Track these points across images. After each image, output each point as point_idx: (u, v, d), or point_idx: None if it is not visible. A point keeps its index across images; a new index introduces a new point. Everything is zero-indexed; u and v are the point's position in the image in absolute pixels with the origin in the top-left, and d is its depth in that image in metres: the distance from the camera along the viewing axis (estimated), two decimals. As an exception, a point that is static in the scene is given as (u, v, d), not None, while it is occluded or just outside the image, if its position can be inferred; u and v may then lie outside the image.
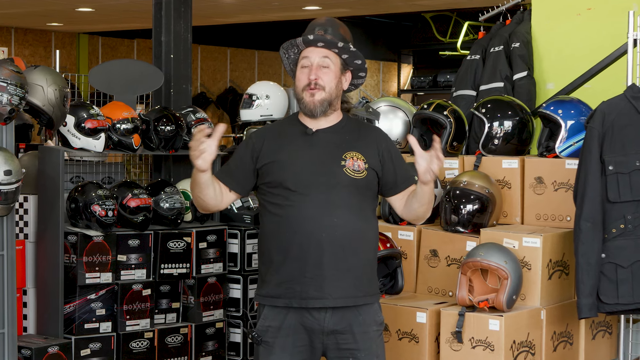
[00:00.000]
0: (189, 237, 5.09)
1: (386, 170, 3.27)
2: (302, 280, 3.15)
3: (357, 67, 3.32)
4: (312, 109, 3.22)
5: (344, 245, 3.16)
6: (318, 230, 3.14)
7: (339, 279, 3.16)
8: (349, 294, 3.19)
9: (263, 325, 3.24)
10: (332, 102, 3.25)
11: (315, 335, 3.20)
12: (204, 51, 13.37)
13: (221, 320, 5.25)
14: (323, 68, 3.23)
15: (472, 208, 4.19)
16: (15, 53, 11.78)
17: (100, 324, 4.77)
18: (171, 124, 5.12)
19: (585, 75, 4.66)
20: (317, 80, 3.21)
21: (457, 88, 5.20)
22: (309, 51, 3.25)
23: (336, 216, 3.15)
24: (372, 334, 3.24)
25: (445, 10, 11.74)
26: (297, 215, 3.15)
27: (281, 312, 3.21)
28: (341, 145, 3.24)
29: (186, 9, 5.78)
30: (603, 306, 3.87)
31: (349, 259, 3.18)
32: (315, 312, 3.18)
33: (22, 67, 4.34)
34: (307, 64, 3.24)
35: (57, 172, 4.72)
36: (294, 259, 3.16)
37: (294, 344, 3.21)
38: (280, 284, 3.19)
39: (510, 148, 4.47)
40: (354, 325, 3.21)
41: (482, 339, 3.77)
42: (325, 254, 3.14)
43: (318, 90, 3.21)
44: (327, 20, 3.32)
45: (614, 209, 3.86)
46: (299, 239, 3.15)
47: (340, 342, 3.21)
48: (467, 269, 3.87)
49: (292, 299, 3.17)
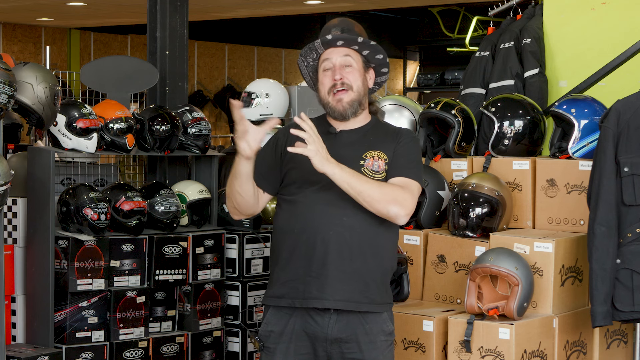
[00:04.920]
0: (185, 241, 5.09)
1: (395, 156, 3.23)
2: (306, 279, 3.15)
3: (379, 62, 3.30)
4: (342, 112, 3.22)
5: (352, 247, 3.14)
6: (326, 228, 3.13)
7: (342, 280, 3.14)
8: (352, 299, 3.15)
9: (265, 330, 3.23)
10: (361, 102, 3.25)
11: (318, 343, 3.18)
12: (200, 47, 13.39)
13: (219, 329, 5.26)
14: (346, 67, 3.22)
15: (481, 211, 4.17)
16: (4, 49, 11.89)
17: (92, 333, 4.76)
18: (166, 124, 5.10)
19: (599, 72, 4.64)
20: (343, 79, 3.21)
21: (466, 86, 5.19)
22: (328, 53, 3.24)
23: (346, 215, 3.14)
24: (379, 344, 3.20)
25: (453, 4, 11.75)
26: (306, 212, 3.16)
27: (284, 317, 3.20)
28: (363, 144, 3.23)
29: (182, 3, 5.81)
30: (618, 314, 3.84)
31: (356, 261, 3.15)
32: (319, 317, 3.15)
33: (10, 64, 4.32)
34: (329, 66, 3.23)
35: (47, 173, 4.72)
36: (300, 257, 3.16)
37: (297, 351, 3.19)
38: (285, 282, 3.19)
39: (521, 149, 4.45)
40: (359, 334, 3.17)
41: (492, 349, 3.74)
42: (330, 252, 3.13)
43: (345, 92, 3.21)
44: (341, 21, 3.32)
45: (629, 213, 3.83)
46: (306, 236, 3.14)
47: (345, 352, 3.18)
48: (476, 275, 3.84)
49: (295, 299, 3.16)
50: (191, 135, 5.24)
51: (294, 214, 3.17)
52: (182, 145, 5.22)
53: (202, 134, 5.26)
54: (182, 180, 5.44)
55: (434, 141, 4.55)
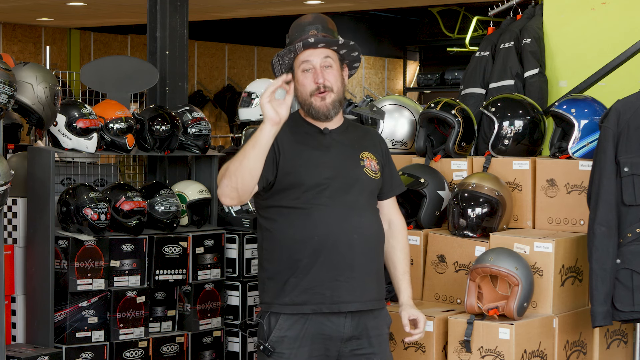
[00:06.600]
0: (185, 241, 5.08)
1: (386, 170, 3.37)
2: (334, 284, 3.16)
3: (353, 59, 3.35)
4: (325, 112, 3.24)
5: (371, 247, 3.23)
6: (349, 231, 3.17)
7: (366, 281, 3.22)
8: (373, 297, 3.25)
9: (278, 335, 3.19)
10: (341, 101, 3.30)
11: (332, 343, 3.20)
12: (200, 47, 13.38)
13: (219, 329, 5.27)
14: (327, 68, 3.24)
15: (481, 211, 4.15)
16: (4, 49, 11.89)
17: (92, 333, 4.76)
18: (166, 124, 5.10)
19: (599, 72, 4.62)
20: (325, 82, 3.22)
21: (466, 86, 5.16)
22: (308, 54, 3.23)
23: (363, 216, 3.21)
24: (384, 337, 3.30)
25: (453, 4, 11.74)
26: (327, 217, 3.16)
27: (299, 321, 3.18)
28: (354, 145, 3.30)
29: (182, 3, 5.82)
30: (618, 314, 3.82)
31: (375, 260, 3.25)
32: (334, 318, 3.18)
33: (10, 64, 4.33)
34: (308, 67, 3.23)
35: (47, 173, 4.73)
36: (325, 263, 3.15)
37: (310, 354, 3.20)
38: (307, 289, 3.17)
39: (521, 149, 4.43)
40: (370, 329, 3.24)
41: (492, 349, 3.73)
42: (356, 255, 3.18)
43: (328, 93, 3.23)
44: (315, 18, 3.33)
45: (629, 213, 3.81)
46: (330, 242, 3.15)
47: (356, 348, 3.22)
48: (476, 275, 3.83)
49: (322, 304, 3.16)
50: (191, 135, 5.24)
51: (309, 221, 3.14)
52: (182, 145, 5.22)
53: (202, 134, 5.26)
54: (182, 180, 5.44)
55: (434, 141, 4.53)
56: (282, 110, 2.98)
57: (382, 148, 3.37)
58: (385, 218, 3.38)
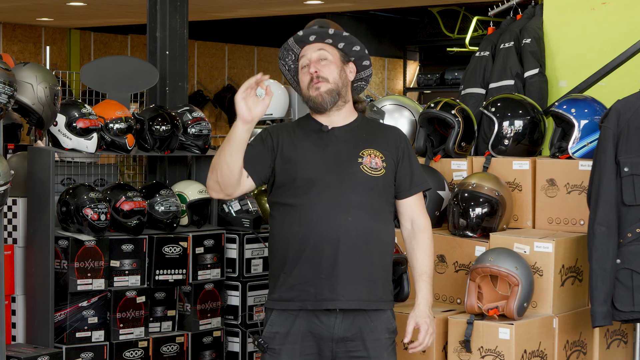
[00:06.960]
0: (185, 241, 5.08)
1: (402, 167, 3.27)
2: (316, 281, 3.14)
3: (358, 55, 3.29)
4: (320, 102, 3.20)
5: (359, 246, 3.16)
6: (333, 229, 3.13)
7: (352, 280, 3.16)
8: (362, 297, 3.17)
9: (270, 331, 3.21)
10: (340, 93, 3.23)
11: (324, 343, 3.18)
12: (200, 47, 13.37)
13: (219, 329, 5.26)
14: (322, 61, 3.22)
15: (481, 211, 4.15)
16: (4, 49, 11.87)
17: (92, 333, 4.75)
18: (166, 124, 5.09)
19: (599, 72, 4.61)
20: (318, 72, 3.19)
21: (466, 86, 5.16)
22: (304, 50, 3.25)
23: (351, 215, 3.15)
24: (383, 342, 3.22)
25: (453, 4, 11.72)
26: (310, 214, 3.14)
27: (289, 318, 3.19)
28: (358, 142, 3.23)
29: (182, 3, 5.81)
30: (618, 314, 3.82)
31: (364, 260, 3.17)
32: (325, 317, 3.16)
33: (10, 64, 4.32)
34: (305, 63, 3.24)
35: (47, 173, 4.72)
36: (308, 260, 3.15)
37: (302, 352, 3.19)
38: (294, 286, 3.17)
39: (521, 149, 4.43)
40: (364, 332, 3.19)
41: (492, 349, 3.73)
42: (340, 254, 3.13)
43: (322, 82, 3.20)
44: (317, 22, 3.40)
45: (629, 213, 3.81)
46: (313, 239, 3.13)
47: (351, 350, 3.19)
48: (476, 275, 3.83)
49: (306, 301, 3.16)
50: (191, 135, 5.24)
51: (297, 217, 3.15)
52: (182, 145, 5.21)
53: (202, 134, 5.26)
54: (182, 180, 5.43)
55: (434, 141, 4.53)
56: (257, 108, 3.03)
57: (398, 145, 3.27)
58: (408, 218, 3.31)
